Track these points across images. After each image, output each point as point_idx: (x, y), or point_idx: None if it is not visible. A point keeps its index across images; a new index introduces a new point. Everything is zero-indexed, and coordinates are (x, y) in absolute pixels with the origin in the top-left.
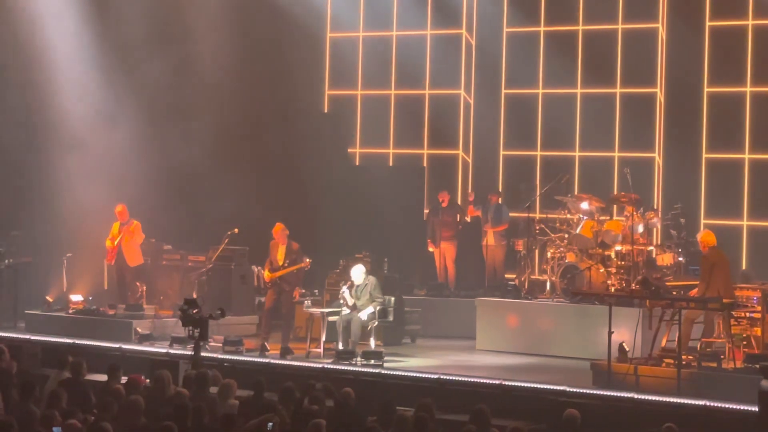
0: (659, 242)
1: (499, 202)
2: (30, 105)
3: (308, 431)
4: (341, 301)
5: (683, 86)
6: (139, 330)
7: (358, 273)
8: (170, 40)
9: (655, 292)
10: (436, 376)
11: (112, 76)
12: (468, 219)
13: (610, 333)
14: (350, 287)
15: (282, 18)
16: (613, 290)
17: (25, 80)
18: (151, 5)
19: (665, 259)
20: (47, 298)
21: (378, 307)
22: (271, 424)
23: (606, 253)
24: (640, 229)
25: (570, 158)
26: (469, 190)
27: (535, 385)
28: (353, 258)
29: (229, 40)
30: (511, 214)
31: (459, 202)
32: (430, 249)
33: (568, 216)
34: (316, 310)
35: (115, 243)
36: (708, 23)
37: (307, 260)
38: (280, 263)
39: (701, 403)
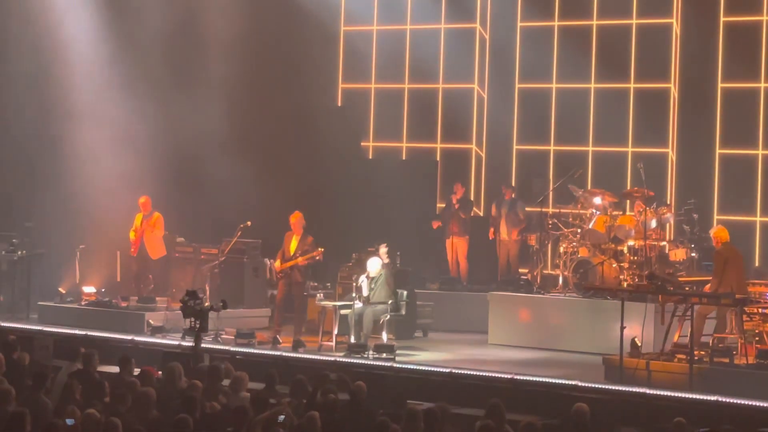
0: (672, 238)
1: (513, 196)
2: (42, 97)
3: (303, 423)
4: (354, 294)
5: (697, 82)
6: (151, 322)
7: (374, 265)
8: (182, 31)
9: (661, 287)
10: (448, 370)
11: (125, 77)
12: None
13: (622, 328)
14: (368, 277)
15: (296, 11)
16: (625, 285)
17: (35, 70)
18: (166, 3)
19: (678, 254)
20: (60, 289)
21: (388, 288)
22: (282, 416)
23: (619, 248)
24: (653, 224)
25: (583, 153)
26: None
27: (547, 380)
28: (365, 252)
29: (242, 34)
30: (525, 209)
31: (471, 197)
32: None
33: (581, 211)
34: (329, 303)
35: (138, 236)
36: (722, 19)
37: (320, 249)
38: (292, 253)
39: (713, 398)
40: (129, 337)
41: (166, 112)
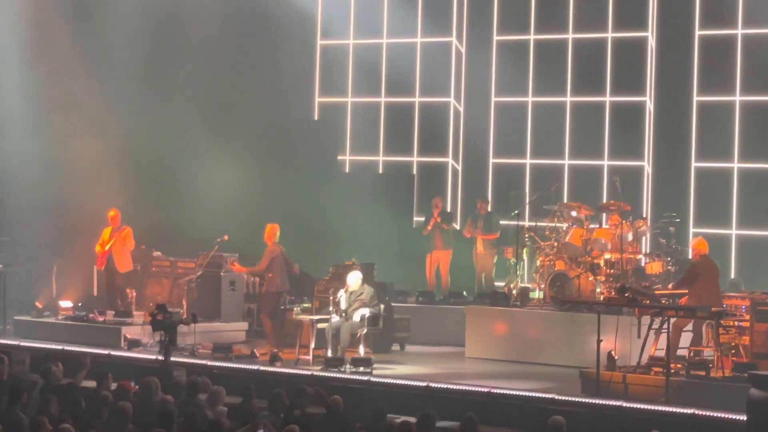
0: (648, 251)
1: (488, 209)
2: (16, 111)
3: None
4: (331, 308)
5: (673, 95)
6: (128, 336)
7: (353, 279)
8: (157, 44)
9: (633, 300)
10: (425, 384)
11: (101, 89)
12: (457, 227)
13: (599, 341)
14: (347, 291)
15: (272, 25)
16: (602, 298)
17: (12, 79)
18: (145, 16)
19: (654, 267)
20: (37, 304)
21: (370, 310)
22: (261, 430)
23: (595, 261)
24: (630, 237)
25: (559, 166)
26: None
27: (524, 393)
28: (342, 265)
29: (219, 47)
30: (501, 222)
31: (448, 210)
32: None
33: (558, 224)
34: (306, 317)
35: (106, 248)
36: (697, 32)
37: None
38: None
39: (689, 411)
40: (106, 352)
41: (143, 127)
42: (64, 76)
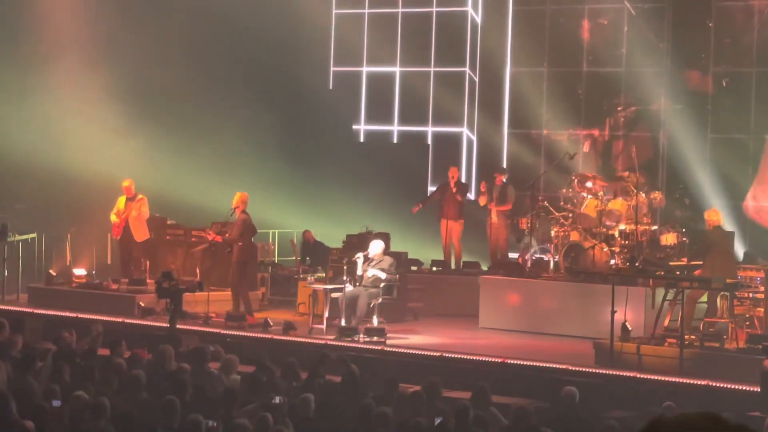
0: (663, 222)
1: (504, 180)
2: (27, 78)
3: (297, 405)
4: (345, 277)
5: (689, 66)
6: (141, 304)
7: (376, 247)
8: (176, 16)
9: (644, 270)
10: (438, 354)
11: (115, 57)
12: (471, 197)
13: (612, 312)
14: (366, 255)
15: None
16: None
17: (23, 52)
18: None
19: (669, 239)
20: (50, 271)
21: (387, 275)
22: (278, 398)
23: (610, 232)
24: (644, 208)
25: (575, 137)
26: (483, 183)
27: (538, 364)
28: (357, 235)
29: (234, 17)
30: (516, 193)
31: (464, 180)
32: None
33: (573, 194)
34: (320, 286)
35: (122, 218)
36: (713, 3)
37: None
38: None
39: (703, 382)
40: (119, 320)
41: (151, 99)
42: (74, 39)
